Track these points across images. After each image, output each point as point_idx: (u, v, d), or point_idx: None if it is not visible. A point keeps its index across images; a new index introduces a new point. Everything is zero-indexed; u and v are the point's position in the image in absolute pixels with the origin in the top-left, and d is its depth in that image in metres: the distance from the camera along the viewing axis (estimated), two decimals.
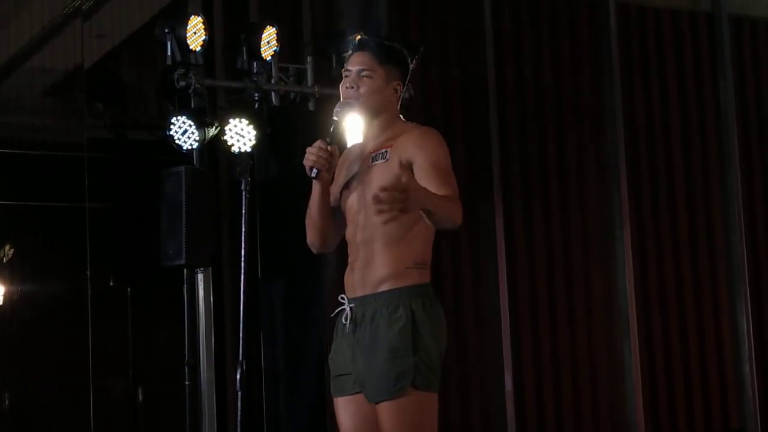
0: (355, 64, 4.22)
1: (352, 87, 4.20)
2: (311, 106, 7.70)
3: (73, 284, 7.80)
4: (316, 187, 4.22)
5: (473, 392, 8.58)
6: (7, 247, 7.93)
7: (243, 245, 3.95)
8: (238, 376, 3.86)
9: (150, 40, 7.77)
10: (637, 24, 9.46)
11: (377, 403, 4.04)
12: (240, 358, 3.92)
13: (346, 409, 4.20)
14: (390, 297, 4.07)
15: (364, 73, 4.20)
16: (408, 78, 4.29)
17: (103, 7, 8.19)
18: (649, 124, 9.39)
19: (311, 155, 4.13)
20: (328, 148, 4.14)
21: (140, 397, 7.95)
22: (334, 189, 4.30)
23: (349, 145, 4.43)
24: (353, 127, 4.21)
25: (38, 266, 7.88)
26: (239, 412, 3.95)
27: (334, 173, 4.24)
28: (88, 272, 7.73)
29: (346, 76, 4.24)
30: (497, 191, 8.73)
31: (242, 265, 3.97)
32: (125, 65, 8.44)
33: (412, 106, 7.95)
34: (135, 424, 7.95)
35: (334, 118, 4.17)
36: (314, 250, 4.37)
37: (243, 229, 3.95)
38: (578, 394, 8.86)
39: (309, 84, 7.70)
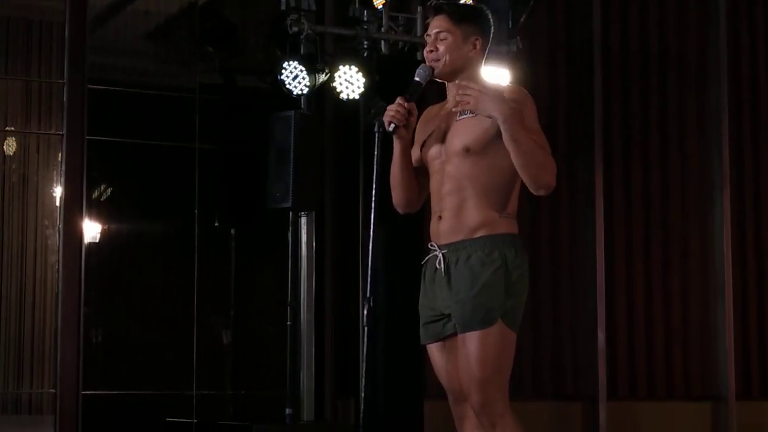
0: (433, 27, 4.37)
1: (432, 50, 4.33)
2: (419, 56, 7.73)
3: (180, 223, 7.95)
4: (396, 145, 4.34)
5: (566, 348, 8.62)
6: (103, 187, 8.07)
7: (374, 186, 4.04)
8: (365, 312, 3.99)
9: None
10: None
11: (465, 332, 4.18)
12: (368, 295, 4.05)
13: (440, 351, 4.35)
14: (485, 242, 4.22)
15: (441, 35, 4.33)
16: (491, 31, 4.40)
17: None
18: (753, 85, 9.28)
19: (390, 111, 4.25)
20: (406, 105, 4.24)
21: (241, 335, 8.10)
22: (415, 149, 4.40)
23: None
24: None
25: (144, 204, 8.03)
26: (365, 348, 4.06)
27: (413, 130, 4.34)
28: (195, 212, 7.89)
29: (427, 41, 4.38)
30: (598, 149, 8.73)
31: (372, 206, 4.06)
32: (233, 10, 8.51)
33: (518, 60, 7.98)
34: (236, 362, 8.10)
35: (416, 79, 4.30)
36: (400, 211, 4.48)
37: (375, 171, 4.03)
38: (670, 353, 8.85)
39: (418, 34, 7.74)
